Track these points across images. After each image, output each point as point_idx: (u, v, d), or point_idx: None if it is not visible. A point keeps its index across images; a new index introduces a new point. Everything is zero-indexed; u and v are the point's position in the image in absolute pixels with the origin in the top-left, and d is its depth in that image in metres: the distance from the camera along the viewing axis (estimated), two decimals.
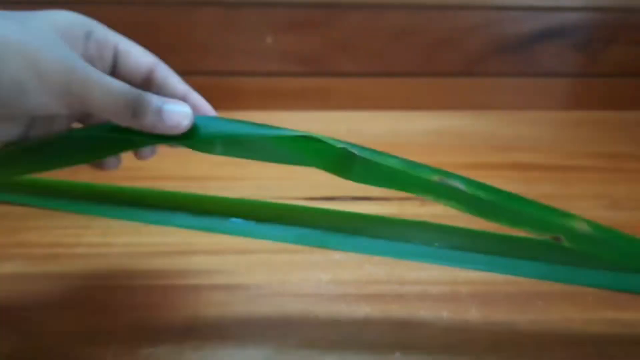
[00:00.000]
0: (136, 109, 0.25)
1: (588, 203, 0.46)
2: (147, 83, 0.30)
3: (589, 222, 0.29)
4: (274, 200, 0.45)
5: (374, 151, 0.29)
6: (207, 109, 0.30)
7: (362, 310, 0.36)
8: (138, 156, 0.32)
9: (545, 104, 0.57)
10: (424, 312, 0.36)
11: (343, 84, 0.55)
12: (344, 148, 0.29)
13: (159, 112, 0.25)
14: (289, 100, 0.55)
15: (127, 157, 0.34)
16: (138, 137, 0.27)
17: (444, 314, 0.36)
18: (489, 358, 0.33)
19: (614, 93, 0.57)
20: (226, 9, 0.50)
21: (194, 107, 0.28)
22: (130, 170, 0.46)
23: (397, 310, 0.36)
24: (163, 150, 0.53)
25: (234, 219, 0.40)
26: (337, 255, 0.40)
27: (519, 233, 0.32)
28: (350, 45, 0.52)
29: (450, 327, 0.35)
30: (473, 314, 0.36)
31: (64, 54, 0.24)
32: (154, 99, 0.25)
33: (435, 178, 0.29)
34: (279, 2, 0.50)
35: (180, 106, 0.26)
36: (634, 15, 0.53)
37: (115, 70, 0.29)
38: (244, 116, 0.54)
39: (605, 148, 0.52)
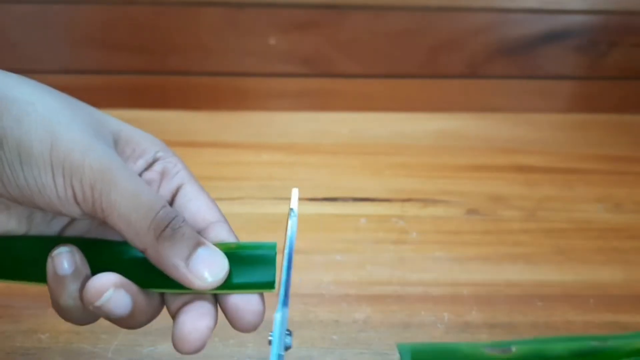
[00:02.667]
0: (164, 229, 0.19)
1: (590, 206, 0.46)
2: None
3: None
4: (275, 201, 0.45)
5: None
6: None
7: (364, 310, 0.36)
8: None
9: (548, 106, 0.57)
10: (425, 313, 0.36)
11: (345, 85, 0.55)
12: None
13: (191, 250, 0.20)
14: (292, 101, 0.56)
15: None
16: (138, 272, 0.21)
17: (445, 315, 0.36)
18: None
19: (617, 96, 0.57)
20: (229, 9, 0.50)
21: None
22: None
23: (398, 311, 0.36)
24: None
25: None
26: (338, 256, 0.40)
27: None
28: (353, 46, 0.53)
29: (451, 328, 0.35)
30: (474, 316, 0.36)
31: (90, 138, 0.20)
32: (188, 228, 0.20)
33: None
34: (282, 3, 0.50)
35: (219, 255, 0.21)
36: (637, 18, 0.53)
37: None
38: (246, 116, 0.55)
39: (607, 151, 0.52)
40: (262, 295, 0.22)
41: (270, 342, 0.22)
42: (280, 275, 0.23)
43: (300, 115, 0.55)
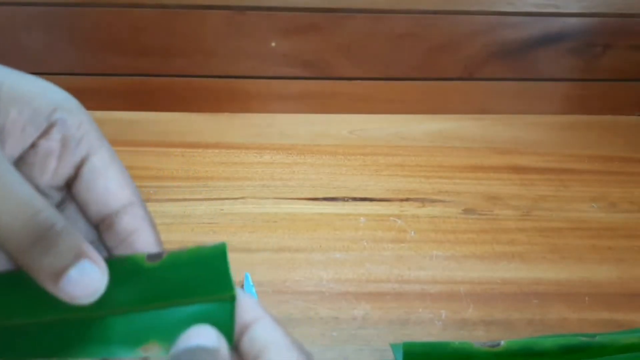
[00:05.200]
0: (41, 236, 0.16)
1: (585, 205, 0.46)
2: (106, 224, 0.20)
3: None
4: (276, 201, 0.45)
5: None
6: None
7: (363, 308, 0.36)
8: None
9: (544, 108, 0.58)
10: (423, 310, 0.36)
11: (345, 87, 0.55)
12: None
13: (73, 258, 0.17)
14: (292, 103, 0.56)
15: (127, 156, 0.34)
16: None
17: (442, 312, 0.36)
18: None
19: (612, 97, 0.57)
20: (231, 13, 0.50)
21: None
22: (134, 169, 0.47)
23: (396, 309, 0.36)
24: (165, 149, 0.54)
25: None
26: (337, 255, 0.40)
27: None
28: (353, 49, 0.53)
29: (448, 326, 0.35)
30: (471, 313, 0.36)
31: None
32: (72, 234, 0.17)
33: None
34: (284, 7, 0.50)
35: (101, 270, 0.17)
36: (632, 21, 0.53)
37: (74, 186, 0.20)
38: (248, 118, 0.55)
39: (602, 151, 0.53)
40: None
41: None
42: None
43: (301, 116, 0.55)
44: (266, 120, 0.55)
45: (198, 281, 0.19)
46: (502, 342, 0.30)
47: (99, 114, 0.55)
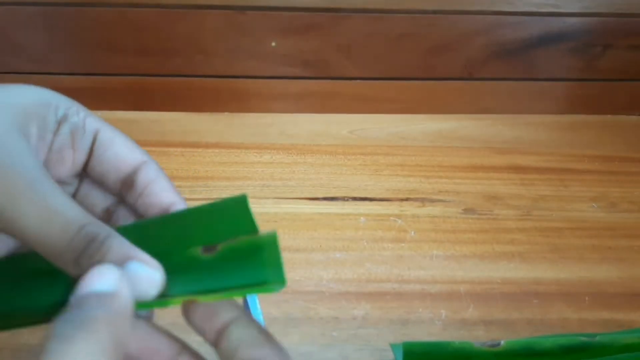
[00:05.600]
0: (87, 247, 0.17)
1: (585, 205, 0.46)
2: (127, 185, 0.22)
3: None
4: (276, 200, 0.45)
5: None
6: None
7: (363, 307, 0.36)
8: None
9: (544, 107, 0.58)
10: (423, 310, 0.36)
11: (345, 87, 0.55)
12: None
13: (121, 262, 0.17)
14: (292, 103, 0.56)
15: None
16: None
17: (442, 312, 0.36)
18: None
19: (612, 97, 0.57)
20: (231, 13, 0.50)
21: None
22: None
23: (396, 308, 0.36)
24: (165, 149, 0.54)
25: None
26: (338, 254, 0.40)
27: None
28: (352, 49, 0.53)
29: (448, 325, 0.35)
30: (471, 313, 0.36)
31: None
32: (115, 244, 0.17)
33: None
34: (284, 7, 0.50)
35: (151, 269, 0.18)
36: (632, 21, 0.53)
37: (89, 165, 0.22)
38: (248, 117, 0.55)
39: (602, 151, 0.53)
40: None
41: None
42: None
43: (301, 116, 0.56)
44: (266, 120, 0.55)
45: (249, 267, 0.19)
46: (502, 342, 0.30)
47: (99, 114, 0.54)
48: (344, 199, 0.46)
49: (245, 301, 0.28)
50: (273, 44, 0.52)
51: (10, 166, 0.17)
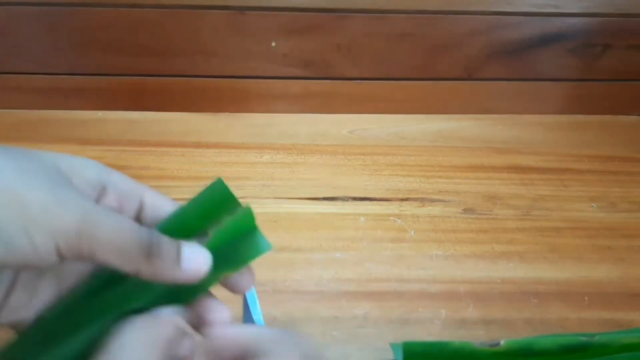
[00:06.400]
0: (151, 249, 0.21)
1: (584, 205, 0.46)
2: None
3: None
4: (276, 200, 0.45)
5: None
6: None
7: (363, 307, 0.36)
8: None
9: (543, 108, 0.58)
10: (423, 309, 0.36)
11: (345, 87, 0.55)
12: None
13: (176, 254, 0.21)
14: (293, 103, 0.56)
15: (127, 156, 0.34)
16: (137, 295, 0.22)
17: (442, 312, 0.36)
18: None
19: (611, 97, 0.58)
20: (232, 13, 0.50)
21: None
22: (133, 170, 0.47)
23: (396, 308, 0.36)
24: (165, 149, 0.55)
25: None
26: (338, 254, 0.40)
27: None
28: (352, 49, 0.53)
29: (448, 325, 0.35)
30: (471, 312, 0.36)
31: (55, 188, 0.20)
32: (168, 240, 0.21)
33: None
34: (284, 7, 0.50)
35: (198, 248, 0.22)
36: (631, 21, 0.53)
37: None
38: (248, 118, 0.55)
39: (602, 151, 0.53)
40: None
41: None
42: None
43: (301, 116, 0.56)
44: (266, 120, 0.55)
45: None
46: (502, 342, 0.30)
47: (100, 113, 0.55)
48: (344, 199, 0.46)
49: (245, 301, 0.28)
50: (273, 44, 0.52)
51: (77, 200, 0.20)
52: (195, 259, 0.21)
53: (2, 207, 0.19)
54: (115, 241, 0.20)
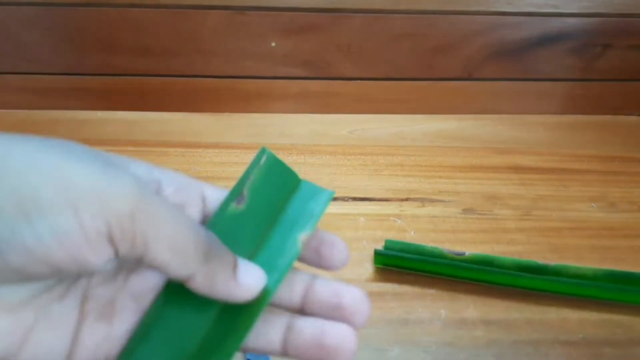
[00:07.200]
0: (210, 252, 0.18)
1: (584, 205, 0.46)
2: None
3: None
4: None
5: None
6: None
7: None
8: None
9: (543, 108, 0.58)
10: (423, 310, 0.36)
11: (345, 87, 0.55)
12: None
13: (234, 263, 0.19)
14: (292, 103, 0.56)
15: (127, 153, 0.34)
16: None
17: (442, 312, 0.36)
18: (485, 355, 0.34)
19: (611, 97, 0.58)
20: (231, 13, 0.50)
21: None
22: None
23: (396, 308, 0.36)
24: (165, 149, 0.55)
25: None
26: None
27: None
28: (352, 49, 0.53)
29: (448, 325, 0.35)
30: (470, 312, 0.36)
31: (107, 167, 0.17)
32: (226, 248, 0.19)
33: None
34: (284, 7, 0.50)
35: (252, 265, 0.20)
36: (631, 21, 0.53)
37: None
38: (248, 118, 0.55)
39: (602, 151, 0.53)
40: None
41: None
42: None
43: (301, 116, 0.56)
44: (266, 120, 0.55)
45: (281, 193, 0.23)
46: (467, 253, 0.38)
47: (100, 114, 0.55)
48: (344, 199, 0.46)
49: None
50: (273, 44, 0.52)
51: (132, 181, 0.17)
52: (252, 272, 0.19)
53: (46, 183, 0.16)
54: (173, 234, 0.17)
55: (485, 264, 0.38)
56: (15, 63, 0.52)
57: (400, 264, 0.38)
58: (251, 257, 0.21)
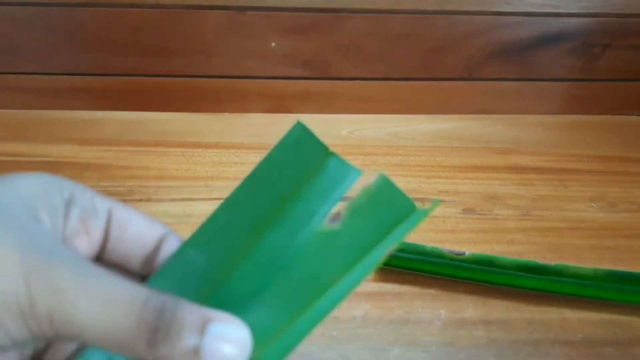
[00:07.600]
0: (158, 328, 0.14)
1: (584, 205, 0.46)
2: (149, 263, 0.20)
3: None
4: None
5: None
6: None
7: (362, 307, 0.36)
8: None
9: (543, 108, 0.58)
10: (423, 310, 0.36)
11: (345, 87, 0.55)
12: None
13: (201, 328, 0.15)
14: (292, 103, 0.56)
15: (127, 156, 0.34)
16: None
17: (442, 312, 0.36)
18: (485, 355, 0.34)
19: (611, 97, 0.58)
20: (232, 13, 0.50)
21: None
22: (134, 169, 0.47)
23: (396, 308, 0.36)
24: (165, 149, 0.55)
25: None
26: None
27: None
28: (352, 49, 0.53)
29: (448, 325, 0.35)
30: (470, 313, 0.36)
31: (22, 251, 0.15)
32: (188, 308, 0.15)
33: None
34: (284, 7, 0.50)
35: (237, 327, 0.16)
36: (631, 21, 0.53)
37: (107, 249, 0.20)
38: (248, 118, 0.55)
39: (601, 151, 0.53)
40: None
41: None
42: None
43: (301, 116, 0.55)
44: (266, 120, 0.55)
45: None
46: (467, 253, 0.38)
47: (99, 114, 0.55)
48: (343, 199, 0.46)
49: None
50: (273, 44, 0.52)
51: (47, 260, 0.15)
52: (227, 340, 0.15)
53: None
54: (101, 325, 0.14)
55: (485, 264, 0.38)
56: (15, 63, 0.52)
57: (400, 264, 0.38)
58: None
